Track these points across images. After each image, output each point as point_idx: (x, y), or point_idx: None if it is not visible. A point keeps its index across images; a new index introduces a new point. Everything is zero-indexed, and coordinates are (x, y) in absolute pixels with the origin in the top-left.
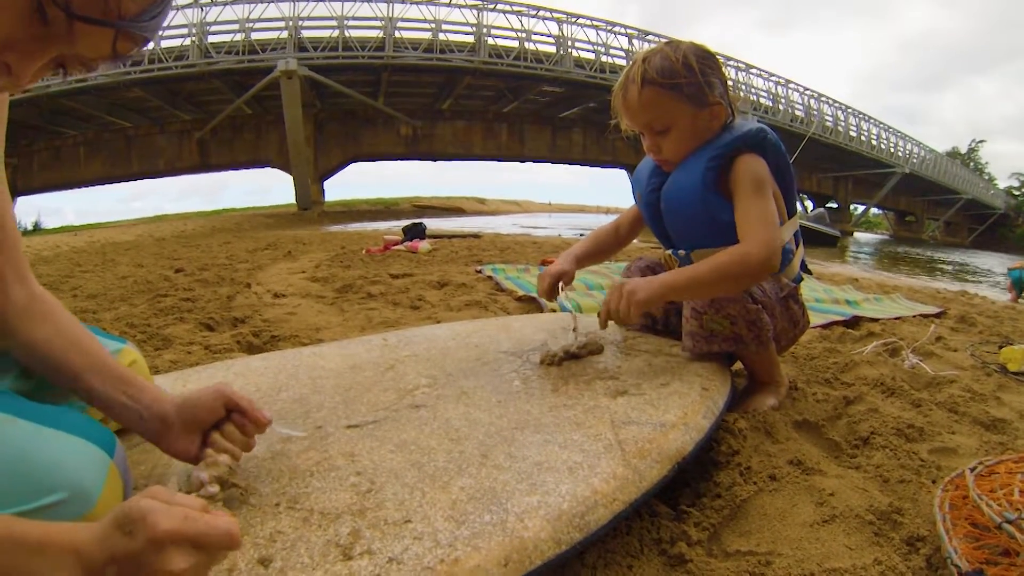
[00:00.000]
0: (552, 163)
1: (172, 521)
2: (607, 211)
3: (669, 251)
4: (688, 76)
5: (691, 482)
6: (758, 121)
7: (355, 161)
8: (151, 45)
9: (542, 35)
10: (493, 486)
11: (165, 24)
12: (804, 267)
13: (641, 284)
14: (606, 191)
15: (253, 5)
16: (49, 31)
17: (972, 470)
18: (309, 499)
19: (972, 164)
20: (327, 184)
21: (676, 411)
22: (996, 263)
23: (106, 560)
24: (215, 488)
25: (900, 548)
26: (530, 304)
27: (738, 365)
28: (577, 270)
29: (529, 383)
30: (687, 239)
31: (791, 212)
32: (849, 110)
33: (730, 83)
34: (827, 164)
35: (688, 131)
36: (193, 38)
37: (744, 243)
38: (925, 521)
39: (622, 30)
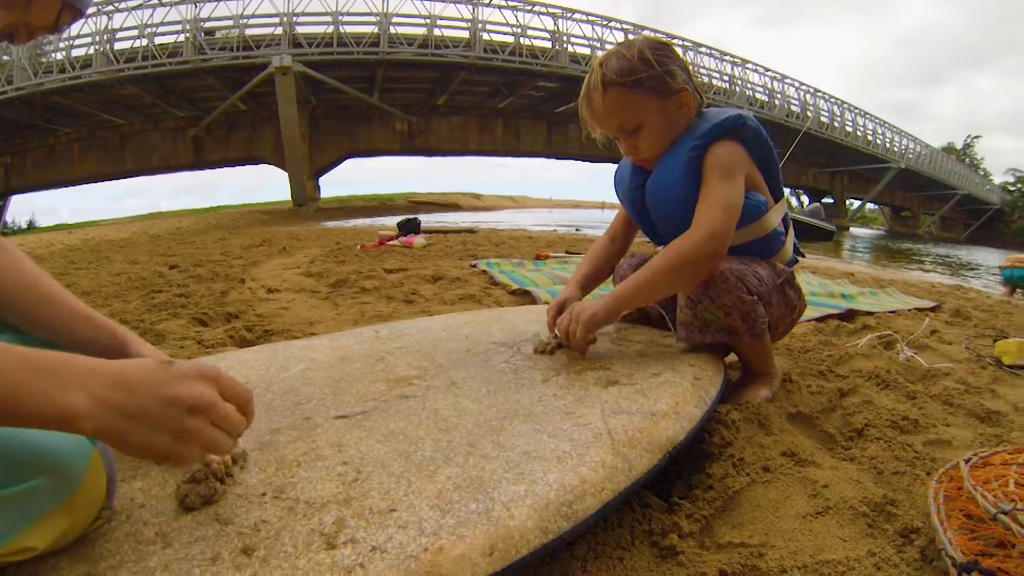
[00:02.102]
0: (548, 158)
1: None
2: (603, 206)
3: (659, 248)
4: (647, 69)
5: (683, 473)
6: (753, 115)
7: (350, 157)
8: (145, 42)
9: (537, 30)
10: (480, 475)
11: (159, 20)
12: (797, 250)
13: (590, 304)
14: (603, 186)
15: (247, 1)
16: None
17: (967, 461)
18: (295, 489)
19: (968, 160)
20: (322, 180)
21: (667, 400)
22: (992, 258)
23: (126, 377)
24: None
25: (894, 540)
26: (524, 298)
27: (732, 357)
28: (585, 295)
29: (520, 373)
30: (676, 233)
31: (777, 196)
32: (845, 105)
33: (703, 79)
34: (823, 159)
35: (660, 124)
36: (187, 35)
37: (688, 233)
38: (919, 513)
39: (618, 25)
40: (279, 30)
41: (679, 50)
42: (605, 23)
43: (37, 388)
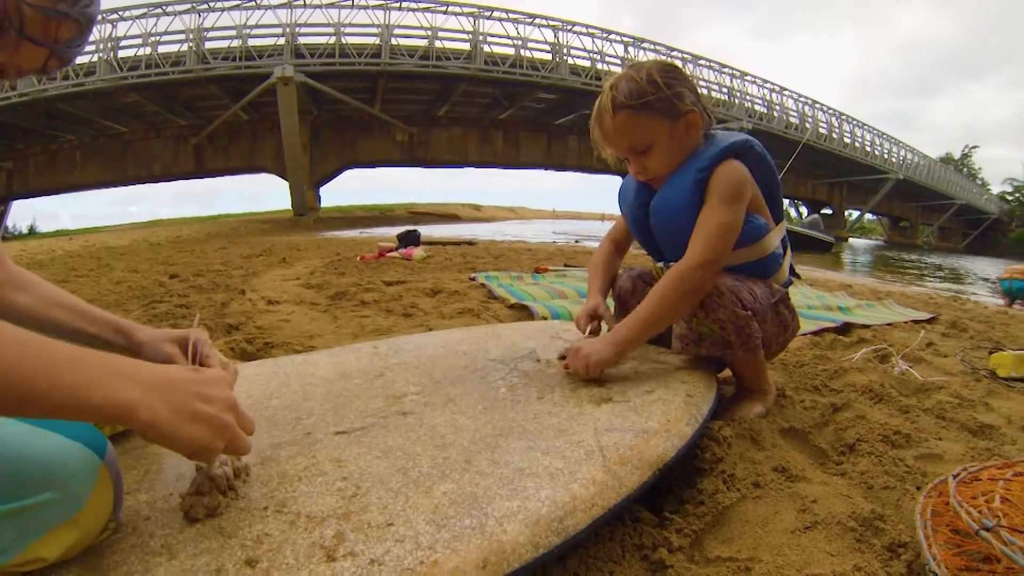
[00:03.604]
0: (547, 169)
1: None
2: (602, 217)
3: (660, 264)
4: (655, 91)
5: (675, 488)
6: (752, 127)
7: (351, 167)
8: (148, 50)
9: (538, 42)
10: (475, 491)
11: (163, 29)
12: (792, 271)
13: (598, 349)
14: (601, 197)
15: (250, 12)
16: (2, 43)
17: (955, 477)
18: (296, 503)
19: (965, 169)
20: (323, 190)
21: (659, 418)
22: (990, 268)
23: (169, 375)
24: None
25: (881, 554)
26: (522, 312)
27: (726, 372)
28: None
29: (515, 391)
30: (679, 252)
31: (778, 219)
32: (843, 116)
33: (701, 91)
34: (821, 170)
35: (669, 145)
36: (190, 44)
37: (683, 260)
38: (908, 528)
39: (617, 37)
40: (281, 40)
41: (688, 68)
42: (605, 35)
43: (101, 383)
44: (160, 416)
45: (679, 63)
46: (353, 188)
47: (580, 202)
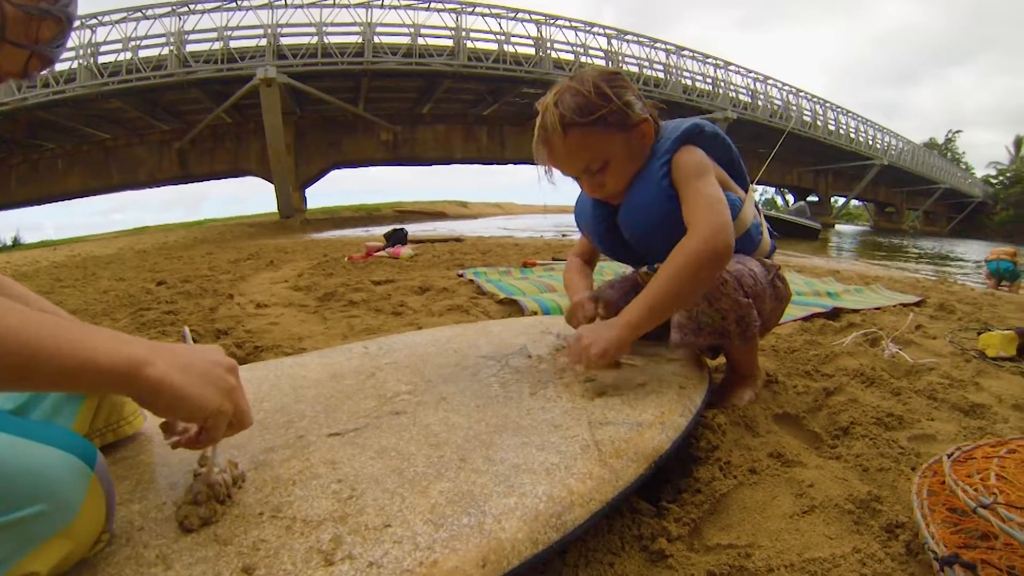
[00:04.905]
0: (533, 164)
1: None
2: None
3: (644, 268)
4: (606, 103)
5: (672, 478)
6: (737, 116)
7: (336, 168)
8: (129, 55)
9: (521, 37)
10: (471, 489)
11: (143, 34)
12: (771, 234)
13: (601, 335)
14: None
15: (231, 13)
16: None
17: (949, 456)
18: (292, 507)
19: (949, 154)
20: (309, 192)
21: (653, 410)
22: (976, 250)
23: (165, 344)
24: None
25: (879, 536)
26: (511, 307)
27: (713, 360)
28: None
29: (508, 387)
30: (663, 252)
31: (745, 187)
32: (827, 104)
33: (685, 82)
34: (807, 158)
35: (626, 158)
36: (171, 47)
37: (690, 235)
38: (904, 508)
39: (600, 30)
40: (263, 42)
41: (672, 59)
42: (588, 28)
43: (106, 344)
44: (172, 375)
45: (619, 69)
46: (340, 189)
47: (566, 196)
